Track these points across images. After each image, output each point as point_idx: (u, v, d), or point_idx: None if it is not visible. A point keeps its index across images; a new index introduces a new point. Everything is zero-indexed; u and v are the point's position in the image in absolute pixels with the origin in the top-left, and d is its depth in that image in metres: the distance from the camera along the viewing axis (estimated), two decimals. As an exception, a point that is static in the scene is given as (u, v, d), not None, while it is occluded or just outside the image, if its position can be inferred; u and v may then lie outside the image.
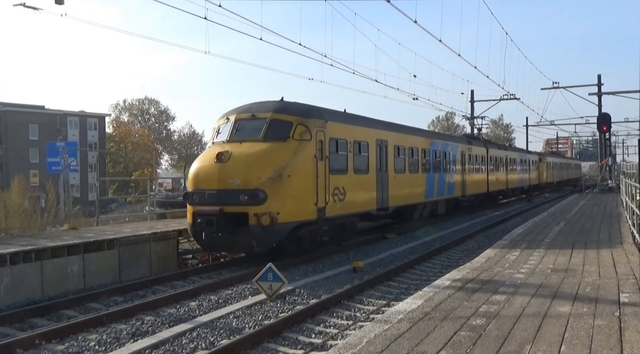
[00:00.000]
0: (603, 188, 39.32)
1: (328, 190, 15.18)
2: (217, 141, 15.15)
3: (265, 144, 14.25)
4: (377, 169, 18.79)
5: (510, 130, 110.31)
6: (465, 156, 29.66)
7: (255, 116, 14.96)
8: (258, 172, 13.68)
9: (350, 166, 16.90)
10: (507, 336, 5.71)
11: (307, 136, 14.64)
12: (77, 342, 8.35)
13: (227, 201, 13.61)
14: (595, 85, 41.81)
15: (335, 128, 16.17)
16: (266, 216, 13.33)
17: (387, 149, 19.79)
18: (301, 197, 14.32)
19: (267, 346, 8.15)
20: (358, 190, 17.22)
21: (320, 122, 15.37)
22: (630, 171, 21.72)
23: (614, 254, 11.19)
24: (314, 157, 14.74)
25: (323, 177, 14.98)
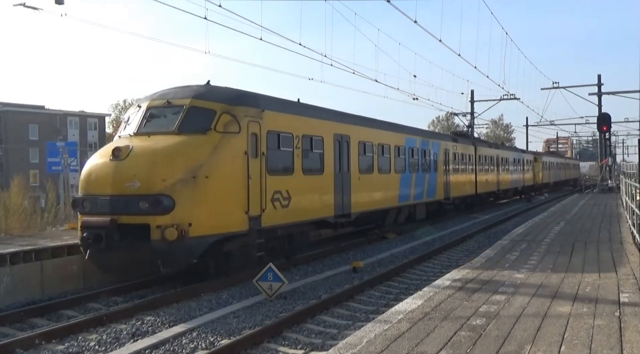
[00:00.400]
0: (603, 188, 39.33)
1: (265, 194, 12.62)
2: (124, 134, 12.46)
3: (179, 137, 11.59)
4: (336, 169, 16.22)
5: (510, 130, 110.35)
6: (449, 154, 27.16)
7: (170, 103, 12.30)
8: (163, 172, 10.99)
9: (298, 166, 14.32)
10: (507, 336, 5.71)
11: (234, 128, 11.97)
12: (77, 342, 8.35)
13: (122, 210, 10.84)
14: (595, 85, 41.81)
15: (275, 119, 13.48)
16: (172, 228, 10.64)
17: (350, 146, 17.17)
18: (224, 203, 11.68)
19: (267, 346, 8.15)
20: (308, 194, 14.75)
21: (253, 111, 12.64)
22: (630, 171, 21.72)
23: (614, 254, 11.20)
24: (245, 154, 12.07)
25: (257, 179, 12.39)
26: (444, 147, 26.61)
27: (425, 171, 23.83)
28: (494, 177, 35.71)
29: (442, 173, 25.96)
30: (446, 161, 26.54)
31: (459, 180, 28.44)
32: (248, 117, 12.40)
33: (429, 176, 24.13)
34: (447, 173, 26.50)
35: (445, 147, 26.76)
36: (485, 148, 35.06)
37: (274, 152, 13.36)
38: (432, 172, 24.66)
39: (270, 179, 12.93)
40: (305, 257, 15.36)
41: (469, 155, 30.79)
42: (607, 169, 41.82)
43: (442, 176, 25.92)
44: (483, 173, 33.02)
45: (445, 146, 26.84)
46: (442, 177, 25.89)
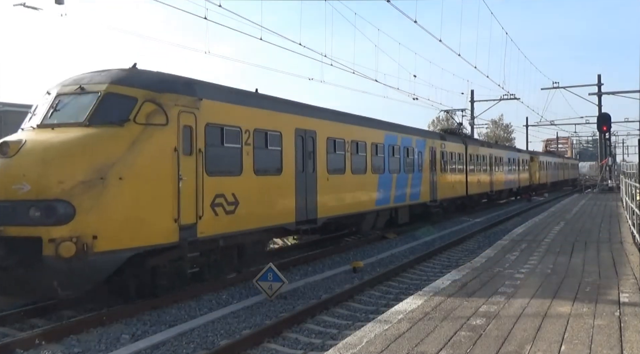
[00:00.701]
0: (603, 188, 39.33)
1: (202, 199, 10.81)
2: (27, 126, 10.58)
3: (89, 129, 9.67)
4: (298, 169, 14.39)
5: (510, 130, 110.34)
6: (436, 153, 25.31)
7: (84, 89, 10.36)
8: (60, 172, 9.02)
9: (248, 165, 12.44)
10: (507, 336, 5.71)
11: (160, 119, 10.09)
12: (77, 342, 8.35)
13: (9, 219, 8.89)
14: (595, 85, 41.84)
15: (218, 110, 11.67)
16: (69, 242, 8.72)
17: (316, 143, 15.36)
18: (145, 210, 9.75)
19: (267, 346, 8.15)
20: (262, 198, 12.86)
21: (187, 99, 10.76)
22: (630, 171, 21.73)
23: (614, 254, 11.20)
24: (174, 150, 10.22)
25: (192, 181, 10.62)
26: (430, 145, 24.75)
27: (409, 171, 21.87)
28: (487, 177, 33.93)
29: (428, 173, 24.18)
30: (432, 160, 24.72)
31: (447, 181, 26.65)
32: (180, 107, 10.48)
33: (412, 176, 22.21)
34: (433, 173, 24.65)
35: (432, 146, 24.90)
36: (477, 147, 33.12)
37: (215, 149, 11.45)
38: (417, 173, 22.76)
39: (209, 181, 11.05)
40: (305, 257, 15.36)
41: (459, 154, 28.91)
42: (607, 169, 41.82)
43: (428, 177, 24.13)
44: (475, 173, 31.26)
45: (432, 144, 24.95)
46: (428, 177, 24.12)
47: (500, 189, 37.14)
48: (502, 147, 43.18)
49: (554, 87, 43.30)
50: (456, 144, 28.90)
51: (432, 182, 24.46)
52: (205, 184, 10.96)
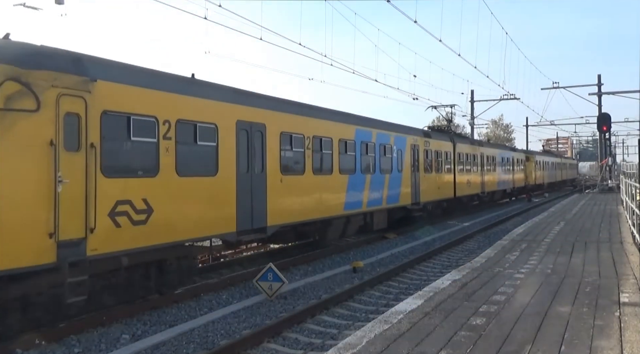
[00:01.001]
0: (603, 188, 39.34)
1: (95, 207, 8.73)
2: None
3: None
4: (241, 168, 12.24)
5: (510, 130, 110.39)
6: (419, 151, 23.05)
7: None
8: None
9: (167, 164, 10.28)
10: (507, 336, 5.71)
11: (27, 104, 7.97)
12: (77, 342, 8.35)
13: None
14: (595, 86, 41.82)
15: (121, 95, 9.48)
16: None
17: (265, 138, 13.15)
18: (2, 222, 7.63)
19: (267, 346, 8.16)
20: (188, 204, 10.72)
21: (70, 79, 8.57)
22: (630, 171, 21.73)
23: (614, 254, 11.20)
24: (50, 144, 8.13)
25: (79, 184, 8.53)
26: (412, 142, 22.40)
27: (385, 171, 19.69)
28: (478, 177, 31.81)
29: (410, 174, 21.88)
30: (415, 159, 22.47)
31: (432, 182, 24.39)
32: (59, 89, 8.33)
33: (390, 177, 19.96)
34: (415, 174, 22.44)
35: (414, 143, 22.54)
36: (467, 145, 30.79)
37: (117, 143, 9.42)
38: (395, 173, 20.54)
39: (107, 184, 9.00)
40: (305, 257, 15.35)
41: (446, 152, 26.72)
42: (607, 169, 41.82)
43: (410, 177, 21.84)
44: (464, 173, 29.14)
45: (414, 142, 22.56)
46: (410, 178, 21.84)
47: (492, 190, 35.31)
48: (494, 146, 40.84)
49: (554, 87, 43.29)
50: (443, 142, 26.64)
51: (415, 183, 22.31)
52: (101, 188, 8.84)
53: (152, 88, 10.19)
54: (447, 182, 26.76)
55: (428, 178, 23.93)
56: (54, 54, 8.80)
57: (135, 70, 10.34)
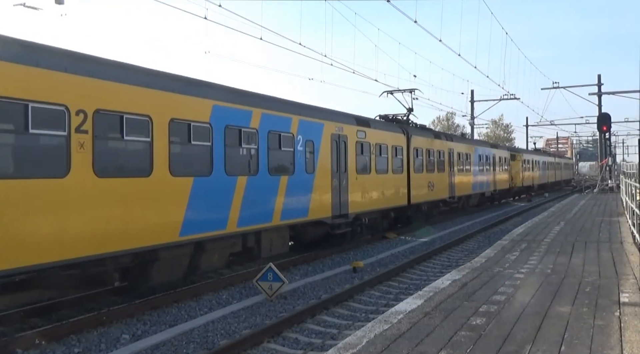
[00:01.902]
0: (603, 188, 39.35)
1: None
2: None
3: None
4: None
5: (510, 130, 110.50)
6: (347, 144, 17.13)
7: None
8: None
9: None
10: (507, 336, 5.71)
11: None
12: (77, 342, 8.35)
13: None
14: (595, 85, 41.85)
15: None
16: None
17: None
18: None
19: (267, 346, 8.16)
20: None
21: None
22: (630, 171, 21.72)
23: (614, 254, 11.20)
24: None
25: None
26: (333, 132, 16.35)
27: (281, 171, 13.94)
28: (444, 179, 26.09)
29: (330, 175, 16.05)
30: (337, 154, 16.46)
31: (370, 186, 18.54)
32: None
33: (288, 180, 13.99)
34: (340, 175, 16.59)
35: (337, 133, 16.54)
36: (427, 139, 24.63)
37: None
38: (300, 174, 14.59)
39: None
40: (305, 257, 15.35)
41: (395, 147, 20.83)
42: (607, 169, 41.83)
43: (330, 180, 16.02)
44: (424, 174, 23.50)
45: (337, 131, 16.63)
46: (329, 182, 15.95)
47: (466, 194, 29.66)
48: (470, 142, 34.39)
49: (554, 87, 43.37)
50: (389, 133, 20.58)
51: (339, 188, 16.50)
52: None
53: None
54: (398, 185, 20.90)
55: (363, 181, 18.01)
56: None
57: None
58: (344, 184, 16.90)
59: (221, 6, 15.27)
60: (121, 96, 9.55)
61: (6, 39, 8.17)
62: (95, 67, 9.29)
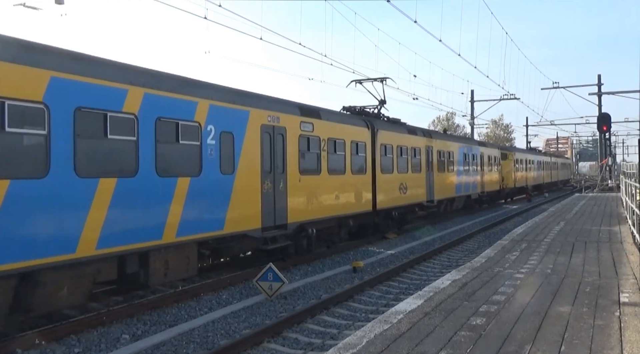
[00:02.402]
0: (603, 188, 39.37)
1: None
2: None
3: None
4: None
5: (511, 130, 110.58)
6: (283, 139, 14.04)
7: None
8: None
9: None
10: (507, 336, 5.71)
11: None
12: (77, 342, 8.35)
13: None
14: (595, 85, 41.88)
15: None
16: None
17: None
18: None
19: (267, 346, 8.16)
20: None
21: None
22: (630, 171, 21.72)
23: (614, 254, 11.20)
24: None
25: None
26: (264, 122, 13.22)
27: (182, 170, 10.93)
28: (421, 180, 22.79)
29: (257, 176, 12.93)
30: (273, 151, 13.52)
31: (318, 189, 15.40)
32: None
33: (195, 183, 11.02)
34: (274, 177, 13.55)
35: (270, 124, 13.42)
36: (397, 134, 20.98)
37: None
38: (212, 175, 11.52)
39: None
40: (305, 257, 15.35)
41: (357, 144, 17.88)
42: (607, 169, 41.84)
43: (257, 183, 12.90)
44: (393, 174, 20.21)
45: (270, 121, 13.41)
46: (257, 184, 12.90)
47: (448, 197, 26.53)
48: (452, 138, 29.98)
49: (554, 87, 43.44)
50: (348, 127, 17.49)
51: (272, 193, 13.41)
52: None
53: None
54: (358, 188, 17.64)
55: (310, 184, 15.02)
56: None
57: None
58: (281, 187, 13.68)
59: (221, 6, 15.28)
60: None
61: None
62: None
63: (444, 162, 25.84)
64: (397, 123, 22.04)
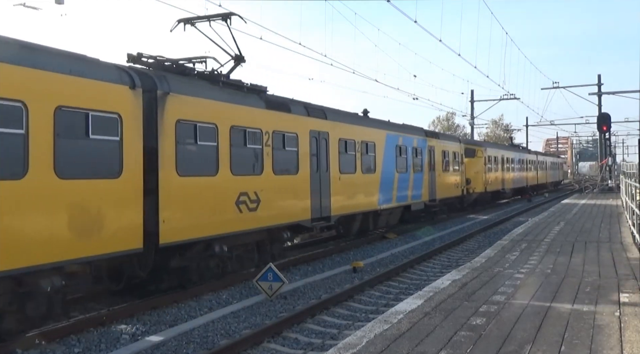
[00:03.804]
0: (603, 188, 39.37)
1: None
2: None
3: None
4: None
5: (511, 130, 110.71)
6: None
7: None
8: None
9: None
10: (507, 336, 5.71)
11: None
12: (77, 342, 8.35)
13: None
14: (595, 85, 41.87)
15: None
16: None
17: None
18: None
19: (267, 346, 8.16)
20: None
21: None
22: (630, 171, 21.73)
23: (614, 254, 11.20)
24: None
25: None
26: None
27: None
28: (293, 187, 14.10)
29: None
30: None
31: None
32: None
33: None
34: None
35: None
36: (232, 107, 12.07)
37: None
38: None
39: None
40: (305, 257, 15.35)
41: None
42: (607, 169, 41.85)
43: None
44: (207, 177, 11.21)
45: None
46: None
47: (357, 212, 17.68)
48: (370, 123, 19.52)
49: (554, 87, 43.40)
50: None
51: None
52: None
53: None
54: (110, 205, 9.07)
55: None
56: None
57: None
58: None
59: (221, 6, 15.26)
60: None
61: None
62: None
63: (352, 158, 17.22)
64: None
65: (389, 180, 19.75)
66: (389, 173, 19.77)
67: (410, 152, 22.03)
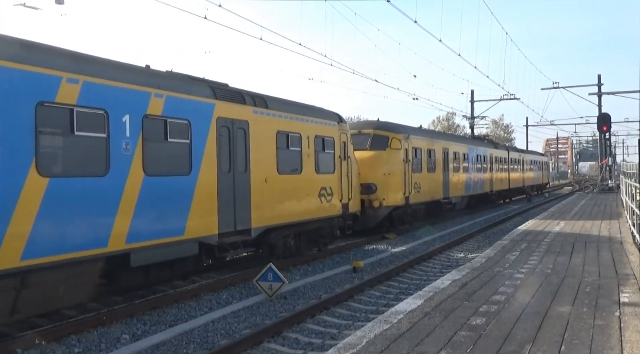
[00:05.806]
0: (603, 188, 39.37)
1: None
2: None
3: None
4: None
5: (511, 130, 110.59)
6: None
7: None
8: None
9: None
10: (507, 336, 5.71)
11: None
12: (77, 342, 8.35)
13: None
14: (595, 85, 41.83)
15: None
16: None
17: None
18: None
19: (267, 346, 8.16)
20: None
21: None
22: (630, 171, 21.72)
23: (614, 254, 11.20)
24: None
25: None
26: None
27: None
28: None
29: None
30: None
31: None
32: None
33: None
34: None
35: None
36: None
37: None
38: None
39: None
40: (305, 257, 15.35)
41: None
42: (607, 169, 41.83)
43: None
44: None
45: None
46: None
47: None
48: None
49: (554, 87, 43.35)
50: None
51: None
52: None
53: None
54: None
55: None
56: None
57: None
58: None
59: (221, 6, 15.27)
60: None
61: None
62: None
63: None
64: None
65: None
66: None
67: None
